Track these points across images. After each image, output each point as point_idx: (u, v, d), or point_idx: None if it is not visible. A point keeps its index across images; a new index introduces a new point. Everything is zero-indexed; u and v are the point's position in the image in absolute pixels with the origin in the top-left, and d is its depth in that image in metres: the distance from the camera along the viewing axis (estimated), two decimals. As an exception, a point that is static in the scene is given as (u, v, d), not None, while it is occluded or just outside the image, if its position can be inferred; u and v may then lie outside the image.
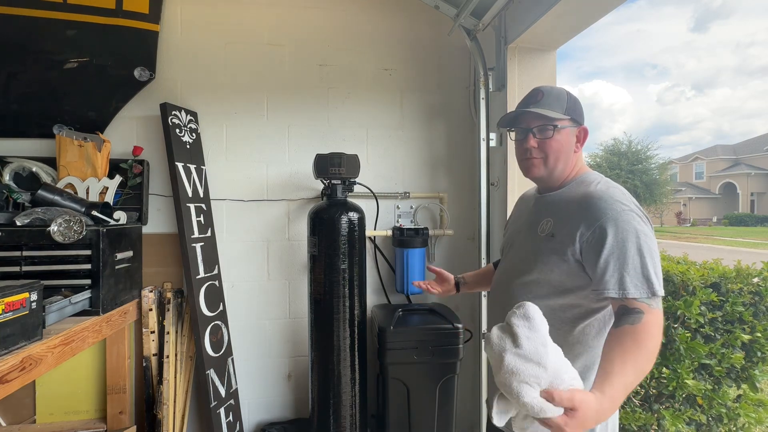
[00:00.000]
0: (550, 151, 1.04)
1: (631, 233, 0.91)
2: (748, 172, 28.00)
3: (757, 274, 2.01)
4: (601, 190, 0.98)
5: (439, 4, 2.07)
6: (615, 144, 22.77)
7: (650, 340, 0.85)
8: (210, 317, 1.97)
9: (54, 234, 1.49)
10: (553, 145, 1.04)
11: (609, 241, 0.91)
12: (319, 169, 1.90)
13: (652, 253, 0.91)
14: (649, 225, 0.94)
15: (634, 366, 0.83)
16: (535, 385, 0.73)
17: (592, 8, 1.65)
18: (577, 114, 1.06)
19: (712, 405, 1.93)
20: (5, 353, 1.12)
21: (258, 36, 2.19)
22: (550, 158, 1.05)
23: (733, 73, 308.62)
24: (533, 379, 0.73)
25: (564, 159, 1.06)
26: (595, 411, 0.76)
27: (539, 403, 0.71)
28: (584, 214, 0.96)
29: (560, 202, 1.05)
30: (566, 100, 1.06)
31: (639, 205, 0.97)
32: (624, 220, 0.91)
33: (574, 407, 0.73)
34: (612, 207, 0.93)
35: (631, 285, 0.89)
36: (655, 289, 0.88)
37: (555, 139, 1.04)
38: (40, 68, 1.94)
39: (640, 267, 0.89)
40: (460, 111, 2.39)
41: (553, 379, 0.74)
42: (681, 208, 29.42)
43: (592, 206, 0.95)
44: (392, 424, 1.92)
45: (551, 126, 1.03)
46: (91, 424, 1.91)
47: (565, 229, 0.99)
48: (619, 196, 0.96)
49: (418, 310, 2.09)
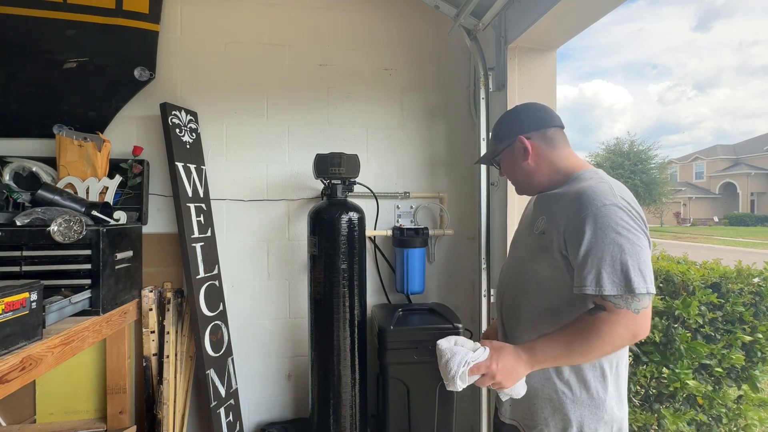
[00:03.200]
0: (511, 175, 1.17)
1: (610, 228, 0.88)
2: (748, 172, 28.01)
3: (757, 274, 2.01)
4: (587, 186, 0.96)
5: (439, 4, 2.07)
6: (617, 144, 22.77)
7: (601, 334, 0.88)
8: (210, 317, 1.97)
9: (54, 234, 1.49)
10: (504, 171, 1.18)
11: (587, 237, 0.90)
12: (319, 169, 1.90)
13: (635, 248, 0.87)
14: (635, 220, 0.90)
15: (567, 344, 0.91)
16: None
17: (592, 8, 1.65)
18: (501, 137, 1.15)
19: (713, 405, 1.93)
20: (5, 353, 1.12)
21: (258, 36, 2.19)
22: (518, 179, 1.16)
23: (735, 73, 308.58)
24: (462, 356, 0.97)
25: (522, 174, 1.13)
26: (512, 354, 0.94)
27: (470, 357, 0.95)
28: (568, 209, 0.96)
29: (552, 200, 1.05)
30: (497, 129, 1.18)
31: (631, 201, 0.94)
32: (603, 215, 0.89)
33: (493, 347, 0.95)
34: (593, 202, 0.91)
35: (608, 281, 0.87)
36: (633, 286, 0.86)
37: (504, 167, 1.18)
38: (40, 68, 1.94)
39: (620, 263, 0.87)
40: (460, 111, 2.39)
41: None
42: (681, 208, 29.43)
43: (575, 202, 0.95)
44: (392, 424, 1.92)
45: (496, 160, 1.19)
46: (91, 424, 1.91)
47: (553, 226, 0.99)
48: (603, 190, 0.93)
49: (418, 310, 2.09)
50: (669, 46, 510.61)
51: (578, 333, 0.90)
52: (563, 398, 1.00)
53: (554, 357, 0.93)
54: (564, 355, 0.92)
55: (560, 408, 1.00)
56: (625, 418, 1.03)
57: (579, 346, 0.90)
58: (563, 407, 0.99)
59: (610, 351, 0.91)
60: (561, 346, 0.91)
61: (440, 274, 2.38)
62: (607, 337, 0.87)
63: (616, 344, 0.89)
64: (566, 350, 0.91)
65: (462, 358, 0.94)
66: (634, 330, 0.87)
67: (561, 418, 1.00)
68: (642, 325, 0.88)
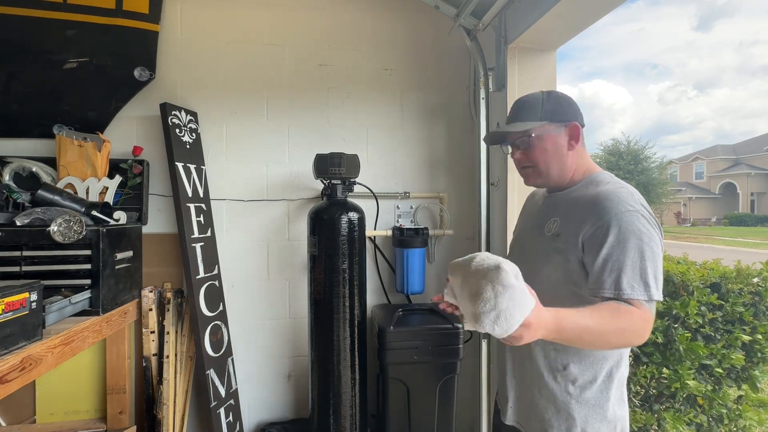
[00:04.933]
0: (537, 159, 1.06)
1: (633, 234, 0.89)
2: (748, 172, 28.00)
3: (757, 274, 2.01)
4: (608, 191, 0.96)
5: (439, 4, 2.07)
6: (614, 144, 22.86)
7: (627, 321, 0.85)
8: (210, 317, 1.97)
9: (54, 234, 1.49)
10: (536, 152, 1.05)
11: (610, 240, 0.90)
12: (319, 169, 1.90)
13: (654, 256, 0.89)
14: (655, 228, 0.92)
15: (599, 323, 0.83)
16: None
17: (592, 8, 1.65)
18: (559, 114, 1.05)
19: (713, 405, 1.93)
20: (5, 353, 1.12)
21: (258, 36, 2.19)
22: (540, 165, 1.06)
23: (736, 73, 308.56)
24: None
25: (557, 162, 1.05)
26: (545, 316, 0.77)
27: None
28: (589, 213, 0.96)
29: (567, 202, 1.05)
30: (541, 106, 1.06)
31: (648, 208, 0.95)
32: (627, 221, 0.90)
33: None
34: (617, 207, 0.92)
35: (628, 286, 0.87)
36: (652, 293, 0.87)
37: (538, 147, 1.05)
38: (40, 68, 1.94)
39: (639, 269, 0.88)
40: (460, 111, 2.39)
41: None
42: (681, 208, 29.41)
43: (598, 206, 0.95)
44: (392, 424, 1.92)
45: (528, 136, 1.05)
46: (91, 424, 1.91)
47: (570, 229, 0.99)
48: (625, 196, 0.94)
49: (418, 310, 2.09)
50: (669, 46, 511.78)
51: (610, 315, 0.85)
52: (567, 398, 1.00)
53: (579, 333, 0.83)
54: (594, 328, 0.83)
55: (564, 408, 1.00)
56: (626, 417, 1.03)
57: (611, 326, 0.84)
58: (567, 407, 0.99)
59: (628, 342, 0.90)
60: (593, 321, 0.83)
61: (440, 274, 2.38)
62: (633, 328, 0.86)
63: (636, 337, 0.88)
64: (597, 325, 0.83)
65: (522, 299, 0.75)
66: (648, 329, 0.88)
67: (565, 418, 1.00)
68: (650, 329, 0.89)
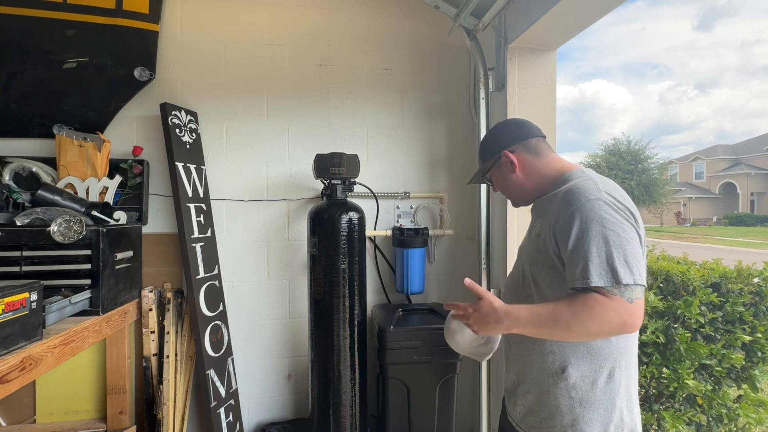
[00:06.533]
0: (501, 190, 1.20)
1: (595, 221, 0.89)
2: (748, 172, 28.00)
3: (757, 274, 2.01)
4: (573, 185, 0.98)
5: (439, 4, 2.07)
6: (615, 144, 22.86)
7: (586, 310, 0.85)
8: (210, 317, 1.97)
9: (54, 234, 1.49)
10: (497, 186, 1.21)
11: (574, 231, 0.91)
12: (319, 169, 1.90)
13: (621, 241, 0.87)
14: (621, 213, 0.91)
15: (553, 314, 0.89)
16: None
17: (592, 8, 1.65)
18: (487, 152, 1.18)
19: (713, 405, 1.93)
20: (5, 353, 1.12)
21: (258, 36, 2.19)
22: (506, 193, 1.20)
23: (737, 73, 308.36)
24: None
25: (515, 187, 1.15)
26: (495, 308, 0.94)
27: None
28: (556, 209, 0.98)
29: (544, 203, 1.08)
30: (482, 150, 1.21)
31: (618, 196, 0.94)
32: (588, 209, 0.90)
33: (482, 296, 0.97)
34: (578, 198, 0.93)
35: (595, 274, 0.86)
36: (620, 277, 0.85)
37: (495, 181, 1.21)
38: (40, 68, 1.94)
39: (605, 255, 0.87)
40: (460, 111, 2.39)
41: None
42: (681, 208, 29.42)
43: (562, 200, 0.97)
44: (392, 424, 1.92)
45: (486, 178, 1.22)
46: (91, 424, 1.91)
47: (545, 227, 1.01)
48: (588, 186, 0.94)
49: (418, 310, 2.09)
50: (670, 45, 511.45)
51: (568, 305, 0.88)
52: (571, 402, 0.99)
53: (537, 323, 0.90)
54: (548, 323, 0.89)
55: (570, 412, 0.99)
56: (638, 424, 1.02)
57: (565, 318, 0.87)
58: (572, 411, 0.99)
59: (595, 333, 0.88)
60: (548, 313, 0.89)
61: (440, 274, 2.38)
62: (596, 318, 0.85)
63: (603, 328, 0.87)
64: (552, 319, 0.88)
65: (457, 327, 1.10)
66: (626, 318, 0.86)
67: (571, 422, 0.99)
68: (635, 315, 0.86)
